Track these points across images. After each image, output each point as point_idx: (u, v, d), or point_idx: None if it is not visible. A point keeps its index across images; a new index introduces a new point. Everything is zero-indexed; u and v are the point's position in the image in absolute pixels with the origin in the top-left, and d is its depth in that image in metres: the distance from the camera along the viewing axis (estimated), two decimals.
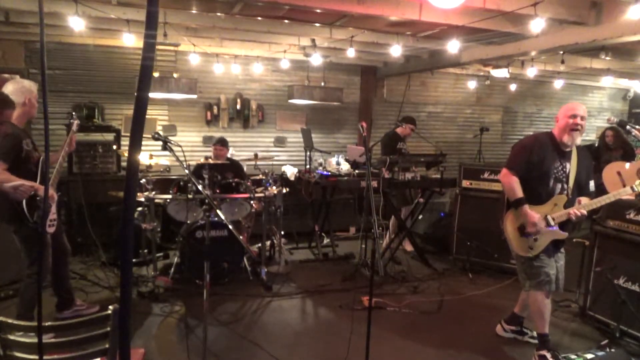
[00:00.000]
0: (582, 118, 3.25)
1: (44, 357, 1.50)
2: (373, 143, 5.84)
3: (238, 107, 7.31)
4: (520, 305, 3.73)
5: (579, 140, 3.31)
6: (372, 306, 2.82)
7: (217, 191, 4.67)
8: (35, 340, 1.69)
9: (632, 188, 3.21)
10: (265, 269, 4.92)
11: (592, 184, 3.39)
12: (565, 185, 3.32)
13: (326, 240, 6.23)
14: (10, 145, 3.15)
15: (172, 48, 6.49)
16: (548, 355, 3.30)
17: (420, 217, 6.02)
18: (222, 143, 5.50)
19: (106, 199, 5.17)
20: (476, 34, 5.41)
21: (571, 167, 3.34)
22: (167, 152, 3.26)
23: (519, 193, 3.28)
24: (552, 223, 3.25)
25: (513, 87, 8.76)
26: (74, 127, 3.76)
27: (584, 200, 3.30)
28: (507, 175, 3.35)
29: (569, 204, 3.30)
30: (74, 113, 4.38)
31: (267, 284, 4.69)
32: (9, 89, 3.32)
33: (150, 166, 4.75)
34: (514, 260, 3.57)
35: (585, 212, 3.23)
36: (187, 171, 3.17)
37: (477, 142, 7.94)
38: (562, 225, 3.32)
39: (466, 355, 3.53)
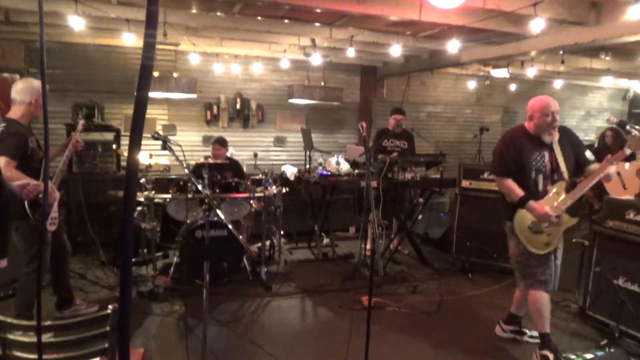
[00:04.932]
0: (557, 112, 3.23)
1: (43, 357, 1.50)
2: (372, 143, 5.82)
3: (238, 106, 7.31)
4: (516, 305, 3.70)
5: (557, 136, 3.30)
6: (371, 306, 2.81)
7: (217, 191, 4.66)
8: (34, 339, 1.69)
9: None
10: (264, 269, 4.92)
11: (588, 153, 3.34)
12: (549, 175, 3.28)
13: (326, 240, 6.22)
14: (17, 143, 3.16)
15: (172, 47, 6.50)
16: (550, 355, 3.25)
17: (420, 217, 6.01)
18: (220, 142, 5.49)
19: (106, 199, 5.17)
20: (476, 34, 5.41)
21: (556, 153, 3.30)
22: (166, 152, 3.26)
23: (519, 191, 3.24)
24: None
25: (513, 87, 8.77)
26: (79, 127, 3.76)
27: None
28: (500, 181, 3.36)
29: (570, 186, 3.25)
30: (79, 113, 4.38)
31: (267, 284, 4.68)
32: (17, 87, 3.33)
33: (149, 166, 4.75)
34: (510, 259, 3.53)
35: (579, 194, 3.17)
36: (186, 171, 3.17)
37: (477, 142, 7.94)
38: (573, 211, 3.23)
39: (465, 355, 3.53)
